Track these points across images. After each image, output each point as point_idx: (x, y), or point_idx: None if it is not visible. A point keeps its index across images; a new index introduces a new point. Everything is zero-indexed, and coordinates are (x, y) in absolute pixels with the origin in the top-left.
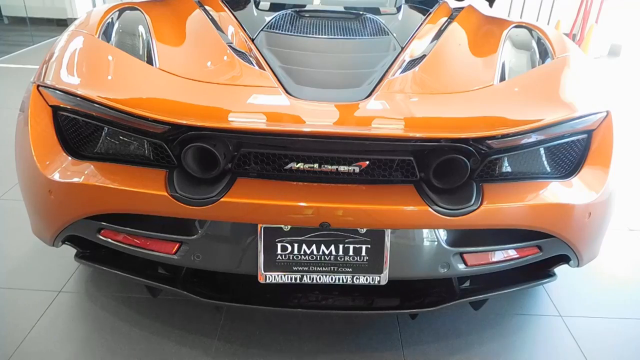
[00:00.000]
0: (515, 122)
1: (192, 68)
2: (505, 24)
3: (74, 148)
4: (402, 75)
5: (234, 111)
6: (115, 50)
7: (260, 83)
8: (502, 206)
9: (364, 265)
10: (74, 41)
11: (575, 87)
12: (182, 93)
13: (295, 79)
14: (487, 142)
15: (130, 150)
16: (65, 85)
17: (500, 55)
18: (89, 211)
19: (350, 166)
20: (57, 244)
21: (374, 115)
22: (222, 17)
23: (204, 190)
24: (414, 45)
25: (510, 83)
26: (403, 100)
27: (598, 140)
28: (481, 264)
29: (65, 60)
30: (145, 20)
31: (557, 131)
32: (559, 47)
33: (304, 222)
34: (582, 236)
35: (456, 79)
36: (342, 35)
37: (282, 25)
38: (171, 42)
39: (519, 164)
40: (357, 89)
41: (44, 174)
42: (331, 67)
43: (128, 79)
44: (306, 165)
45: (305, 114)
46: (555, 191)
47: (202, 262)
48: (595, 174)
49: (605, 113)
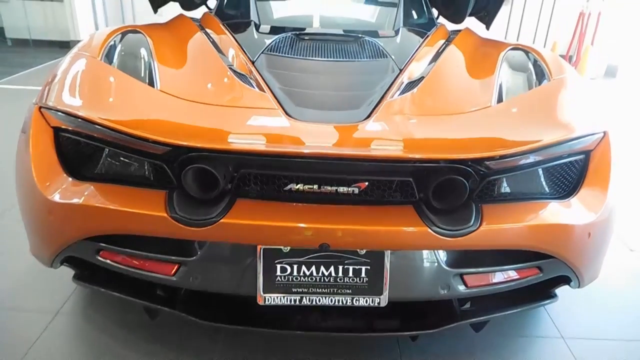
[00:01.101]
0: (514, 143)
1: (193, 90)
2: (502, 46)
3: (74, 169)
4: (400, 97)
5: (234, 132)
6: (117, 72)
7: (260, 105)
8: (502, 227)
9: (363, 286)
10: (77, 63)
11: (572, 108)
12: (183, 115)
13: (295, 100)
14: (485, 163)
15: (131, 171)
16: (67, 106)
17: (497, 77)
18: (89, 232)
19: (349, 187)
20: (55, 265)
21: (373, 136)
22: (223, 39)
23: (204, 211)
24: (412, 67)
25: (508, 104)
26: (402, 121)
27: (596, 161)
28: (481, 285)
29: (68, 82)
30: (147, 43)
31: (555, 152)
32: (555, 68)
33: (304, 243)
34: (582, 257)
35: (454, 100)
36: (341, 58)
37: (282, 47)
38: (172, 64)
39: (517, 185)
40: (356, 111)
41: (44, 195)
42: (330, 89)
43: (129, 101)
44: (306, 187)
45: (305, 135)
46: (554, 211)
47: (201, 284)
48: (594, 194)
49: (602, 134)
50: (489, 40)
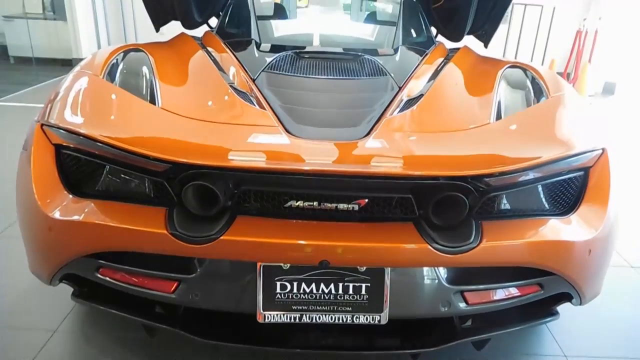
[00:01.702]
0: (513, 160)
1: (194, 107)
2: (500, 64)
3: (75, 186)
4: (400, 114)
5: (235, 150)
6: (118, 90)
7: (260, 122)
8: (502, 244)
9: (363, 304)
10: (79, 81)
11: (570, 125)
12: (183, 132)
13: (295, 118)
14: (485, 179)
15: (131, 188)
16: (68, 124)
17: (495, 95)
18: (89, 249)
19: (349, 204)
20: (54, 283)
21: (372, 153)
22: (224, 58)
23: (204, 228)
24: (411, 85)
25: (507, 121)
26: (401, 138)
27: (595, 177)
28: (482, 302)
29: (70, 99)
30: (149, 61)
31: (554, 169)
32: (553, 86)
33: (304, 260)
34: (583, 273)
35: (453, 117)
36: (341, 76)
37: (282, 66)
38: (174, 82)
39: (517, 202)
40: (356, 128)
41: (45, 212)
42: (330, 107)
43: (131, 118)
44: (306, 203)
45: (305, 152)
46: (554, 228)
47: (201, 301)
48: (593, 210)
49: (601, 150)
50: (487, 58)
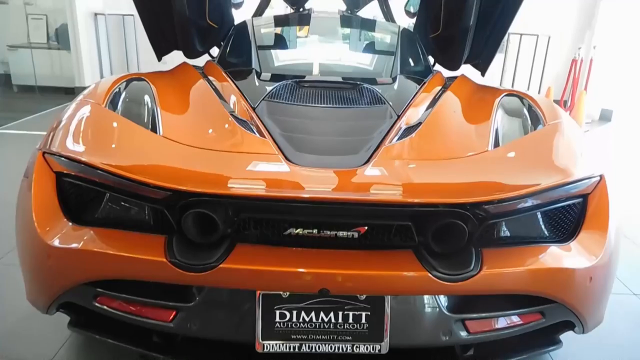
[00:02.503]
0: (511, 187)
1: (195, 135)
2: (497, 92)
3: (75, 214)
4: (399, 142)
5: (235, 177)
6: (120, 118)
7: (260, 150)
8: (502, 271)
9: (364, 333)
10: (81, 110)
11: (568, 152)
12: (184, 160)
13: (295, 146)
14: (484, 207)
15: (131, 216)
16: (70, 152)
17: (493, 122)
18: (87, 277)
19: (349, 232)
20: (51, 311)
21: (372, 181)
22: (225, 87)
23: (203, 256)
24: (410, 113)
25: (505, 149)
26: (400, 166)
27: (594, 204)
28: (484, 331)
29: (72, 128)
30: (151, 90)
31: (553, 195)
32: (549, 114)
33: (303, 288)
34: (584, 301)
35: (452, 145)
36: (340, 104)
37: (282, 94)
38: (175, 110)
39: (517, 229)
40: (355, 156)
41: (44, 240)
42: (330, 135)
43: (132, 146)
44: (305, 231)
45: (305, 180)
46: (554, 255)
47: (199, 330)
48: (593, 237)
49: (598, 177)
50: (484, 87)
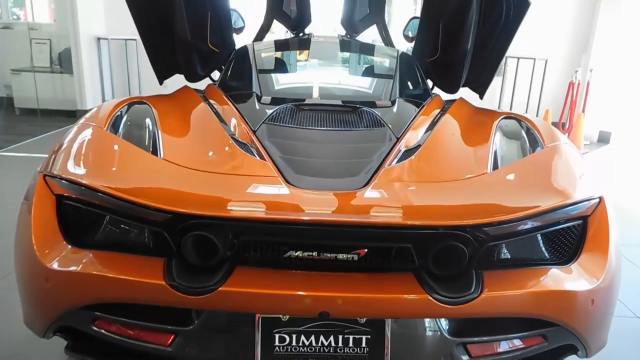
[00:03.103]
0: (511, 209)
1: (195, 158)
2: (495, 115)
3: (74, 237)
4: (398, 165)
5: (235, 200)
6: (121, 141)
7: (260, 173)
8: (503, 294)
9: (364, 357)
10: (83, 133)
11: (567, 174)
12: (184, 182)
13: (295, 168)
14: (484, 229)
15: (130, 239)
16: (71, 174)
17: (492, 145)
18: (85, 300)
19: (349, 254)
20: (48, 335)
21: (371, 203)
22: (226, 110)
23: (202, 279)
24: (409, 135)
25: (504, 171)
26: (400, 188)
27: (594, 226)
28: (485, 354)
29: (73, 151)
30: (152, 113)
31: (553, 218)
32: (547, 136)
33: (303, 312)
34: (586, 324)
35: (451, 167)
36: (340, 127)
37: (282, 117)
38: (176, 133)
39: (517, 251)
40: (354, 178)
41: (43, 263)
42: (330, 157)
43: (132, 169)
44: (305, 254)
45: (305, 202)
46: (555, 278)
47: (198, 354)
48: (594, 259)
49: (598, 199)
50: (482, 110)
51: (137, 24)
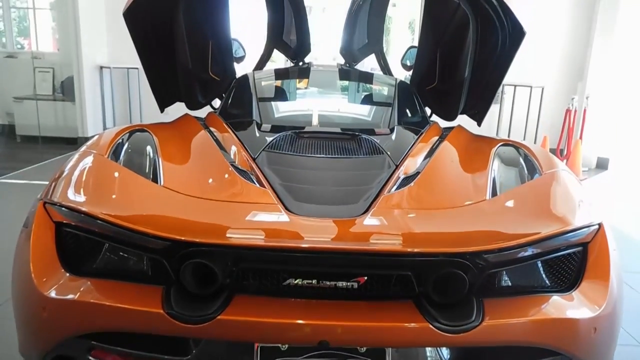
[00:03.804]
0: (511, 236)
1: (195, 186)
2: (493, 142)
3: (73, 264)
4: (397, 192)
5: (234, 228)
6: (122, 169)
7: (260, 200)
8: (505, 322)
9: None
10: (84, 160)
11: (565, 201)
12: (184, 210)
13: (294, 195)
14: (484, 256)
15: (129, 266)
16: (70, 202)
17: (490, 172)
18: (83, 329)
19: (348, 282)
20: None
21: (371, 230)
22: (226, 137)
23: (201, 307)
24: (408, 162)
25: (503, 198)
26: (399, 215)
27: (594, 253)
28: None
29: (73, 178)
30: (153, 141)
31: (553, 244)
32: (545, 163)
33: (302, 341)
34: (589, 352)
35: (450, 194)
36: (339, 155)
37: (282, 145)
38: (176, 161)
39: (518, 278)
40: (354, 205)
41: (40, 291)
42: (329, 184)
43: (132, 197)
44: (304, 282)
45: (304, 229)
46: (557, 306)
47: None
48: (595, 287)
49: (597, 226)
50: (480, 137)
51: (139, 53)
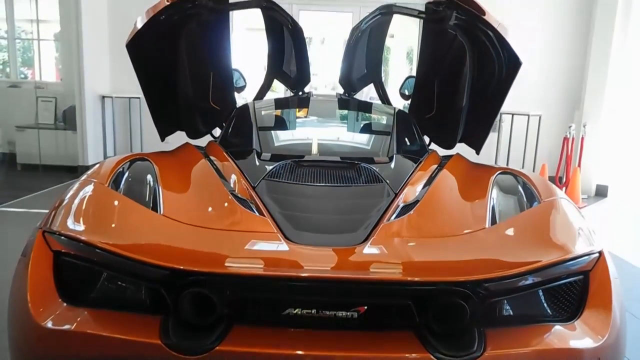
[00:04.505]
0: (512, 264)
1: (195, 214)
2: (491, 170)
3: (70, 294)
4: (397, 220)
5: (233, 257)
6: (122, 198)
7: (260, 229)
8: (507, 352)
9: None
10: (84, 189)
11: (565, 229)
12: (183, 239)
13: (294, 224)
14: (485, 285)
15: (127, 296)
16: (70, 231)
17: (489, 200)
18: None
19: (348, 312)
20: None
21: (371, 259)
22: (226, 166)
23: (199, 337)
24: (407, 191)
25: (502, 226)
26: (399, 244)
27: (596, 282)
28: None
29: (73, 207)
30: (154, 170)
31: (554, 273)
32: (544, 191)
33: None
34: None
35: (449, 222)
36: (338, 183)
37: (282, 174)
38: (176, 189)
39: (519, 308)
40: (354, 234)
41: (36, 321)
42: (329, 213)
43: (132, 225)
44: (304, 311)
45: (303, 258)
46: (559, 335)
47: None
48: (598, 316)
49: (598, 254)
50: (478, 165)
51: (141, 83)
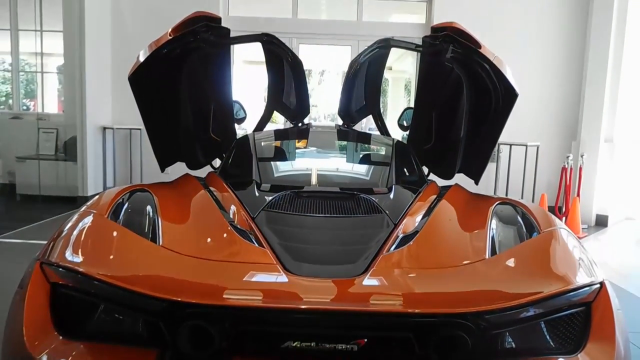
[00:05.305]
0: (513, 296)
1: (194, 246)
2: (490, 200)
3: (66, 327)
4: (396, 251)
5: (233, 288)
6: (121, 229)
7: (259, 260)
8: None
9: None
10: (83, 220)
11: (566, 259)
12: (182, 270)
13: (293, 255)
14: (486, 316)
15: (124, 329)
16: (68, 262)
17: (489, 230)
18: None
19: (348, 344)
20: None
21: (370, 291)
22: (225, 197)
23: None
24: (406, 221)
25: (503, 257)
26: (399, 275)
27: (599, 313)
28: None
29: (72, 238)
30: (153, 201)
31: (555, 304)
32: (543, 221)
33: None
34: None
35: (449, 253)
36: (338, 214)
37: (281, 204)
38: (176, 220)
39: (521, 340)
40: (353, 265)
41: (31, 354)
42: (328, 244)
43: (130, 257)
44: (303, 344)
45: (303, 290)
46: None
47: None
48: (602, 348)
49: (599, 285)
50: (477, 195)
51: (142, 115)
